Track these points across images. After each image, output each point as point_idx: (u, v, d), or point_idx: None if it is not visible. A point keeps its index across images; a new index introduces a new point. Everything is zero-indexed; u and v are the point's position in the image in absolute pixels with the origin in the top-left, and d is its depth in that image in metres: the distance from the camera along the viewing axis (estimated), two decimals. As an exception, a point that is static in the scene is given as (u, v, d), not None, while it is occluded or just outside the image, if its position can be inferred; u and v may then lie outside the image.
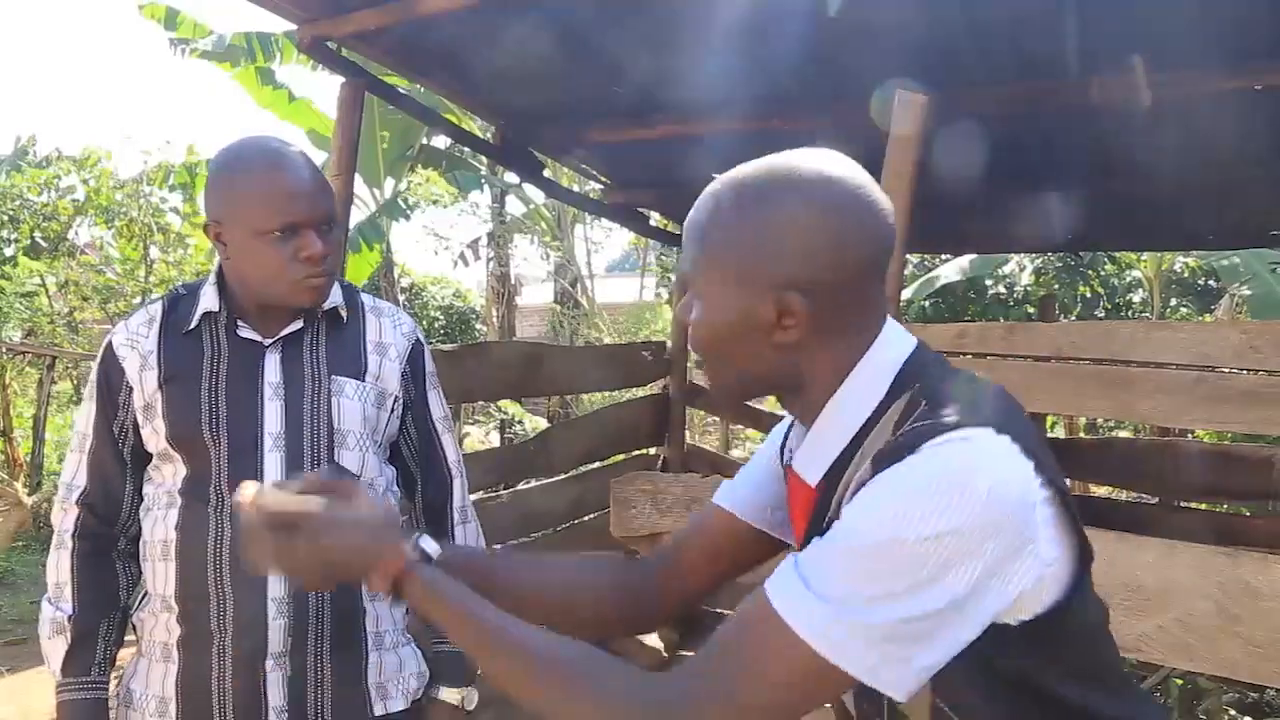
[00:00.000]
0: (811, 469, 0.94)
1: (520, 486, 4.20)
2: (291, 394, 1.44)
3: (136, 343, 1.44)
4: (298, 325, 1.47)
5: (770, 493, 1.09)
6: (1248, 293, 6.93)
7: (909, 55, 2.21)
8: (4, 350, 7.71)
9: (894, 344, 0.91)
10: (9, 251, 7.91)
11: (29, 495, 6.65)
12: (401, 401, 1.56)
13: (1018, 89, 2.43)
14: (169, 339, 1.44)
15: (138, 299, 7.85)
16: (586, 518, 4.21)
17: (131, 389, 1.43)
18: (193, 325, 1.44)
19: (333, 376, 1.47)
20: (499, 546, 3.66)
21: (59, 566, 1.44)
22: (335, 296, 1.50)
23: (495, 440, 9.48)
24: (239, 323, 1.45)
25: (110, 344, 1.45)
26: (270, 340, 1.45)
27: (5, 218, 7.83)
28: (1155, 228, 4.26)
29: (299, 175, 1.40)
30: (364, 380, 1.50)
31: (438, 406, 1.64)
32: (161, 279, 7.94)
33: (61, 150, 8.67)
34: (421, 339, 1.63)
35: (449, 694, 1.56)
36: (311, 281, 1.41)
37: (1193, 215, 3.78)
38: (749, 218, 0.89)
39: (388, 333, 1.57)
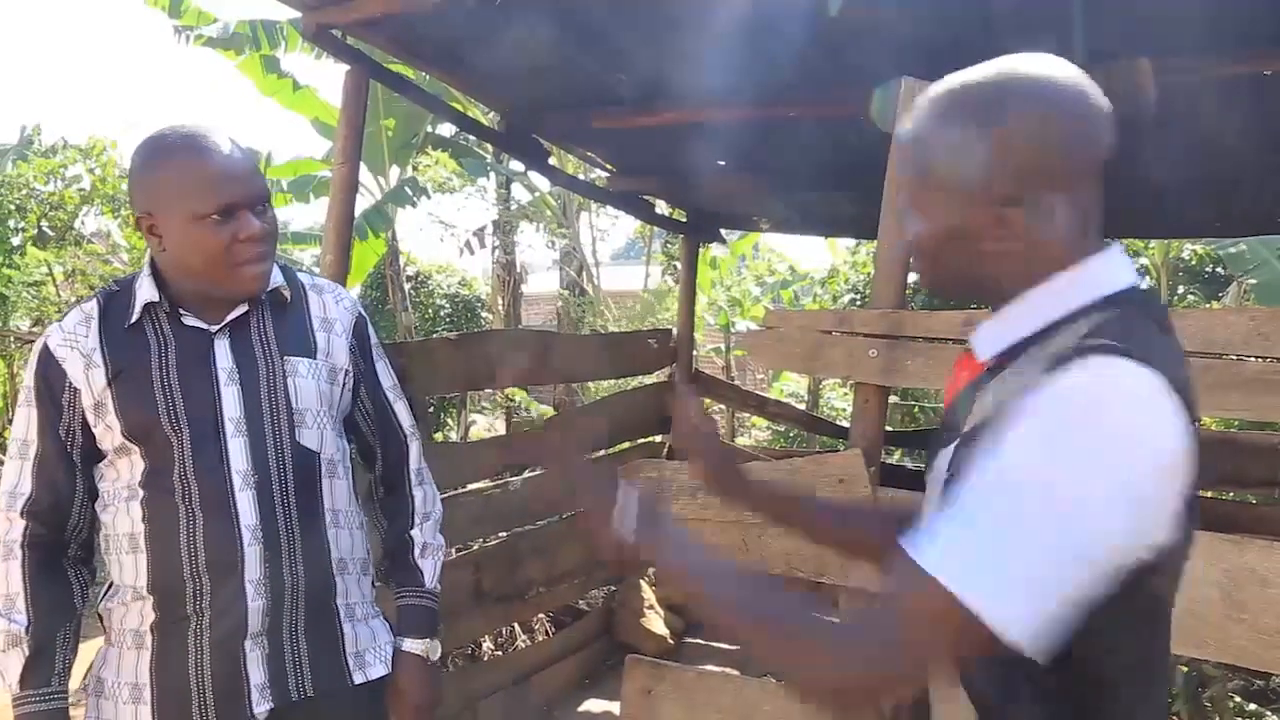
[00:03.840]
0: (987, 344, 0.97)
1: (526, 474, 4.21)
2: (247, 378, 1.44)
3: (76, 342, 1.41)
4: (243, 310, 1.46)
5: None
6: (1252, 282, 6.90)
7: (914, 43, 2.20)
8: (12, 339, 7.73)
9: (1113, 268, 0.91)
10: (16, 241, 7.91)
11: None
12: (351, 375, 1.58)
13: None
14: (110, 335, 1.42)
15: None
16: (592, 505, 4.21)
17: (77, 390, 1.40)
18: (134, 319, 1.42)
19: (285, 357, 1.48)
20: (504, 534, 3.67)
21: (9, 578, 1.41)
22: (276, 277, 1.51)
23: (501, 428, 9.49)
24: (181, 311, 1.44)
25: (46, 346, 1.42)
26: (217, 327, 1.44)
27: (12, 207, 7.83)
28: (1162, 215, 4.24)
29: (230, 157, 1.39)
30: (316, 358, 1.51)
31: (386, 376, 1.67)
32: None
33: (67, 139, 8.68)
34: (363, 312, 1.65)
35: (413, 645, 1.60)
36: (252, 268, 1.41)
37: (1200, 202, 3.76)
38: (966, 132, 0.90)
39: (331, 308, 1.58)
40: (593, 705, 3.87)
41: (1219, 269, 8.32)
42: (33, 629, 1.39)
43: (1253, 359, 2.18)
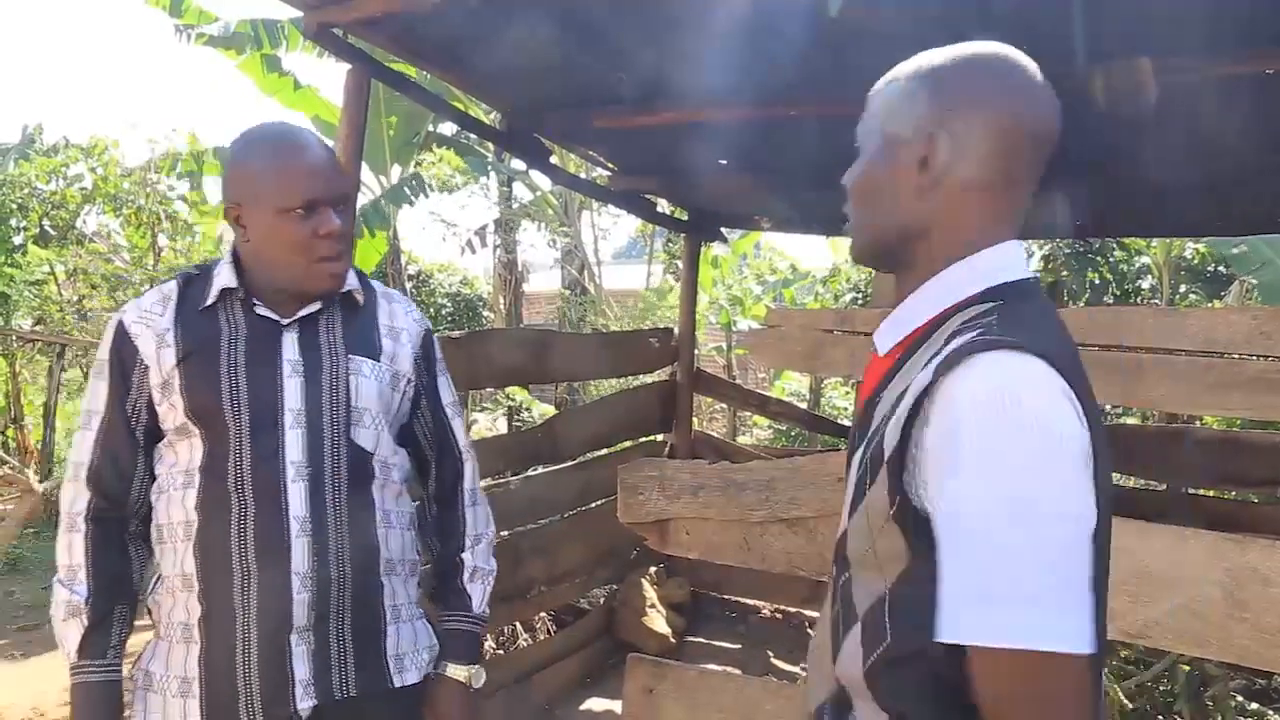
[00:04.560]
0: (886, 338, 1.02)
1: (528, 473, 4.22)
2: (310, 372, 1.46)
3: (150, 321, 1.45)
4: (315, 306, 1.49)
5: None
6: (1254, 282, 6.88)
7: (914, 43, 2.20)
8: (14, 338, 7.75)
9: (1007, 260, 0.96)
10: (18, 240, 7.92)
11: (40, 482, 6.69)
12: (414, 385, 1.60)
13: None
14: (185, 316, 1.45)
15: (146, 286, 7.87)
16: (594, 504, 4.22)
17: (147, 367, 1.43)
18: (210, 302, 1.45)
19: (350, 356, 1.50)
20: (506, 533, 3.68)
21: (72, 549, 1.44)
22: (351, 281, 1.54)
23: (503, 427, 9.49)
24: (255, 302, 1.47)
25: (121, 323, 1.46)
26: (288, 320, 1.47)
27: (14, 206, 7.84)
28: (1164, 214, 4.23)
29: (317, 155, 1.45)
30: (379, 361, 1.53)
31: (447, 391, 1.69)
32: (169, 267, 7.98)
33: (69, 138, 8.68)
34: (430, 326, 1.67)
35: (456, 670, 1.59)
36: (331, 266, 1.45)
37: (1202, 201, 3.76)
38: (915, 76, 0.99)
39: (399, 317, 1.61)
40: (594, 704, 3.87)
41: (1221, 268, 8.31)
42: (92, 601, 1.42)
43: (1255, 358, 2.18)
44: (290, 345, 1.47)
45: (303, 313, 1.48)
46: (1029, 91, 0.95)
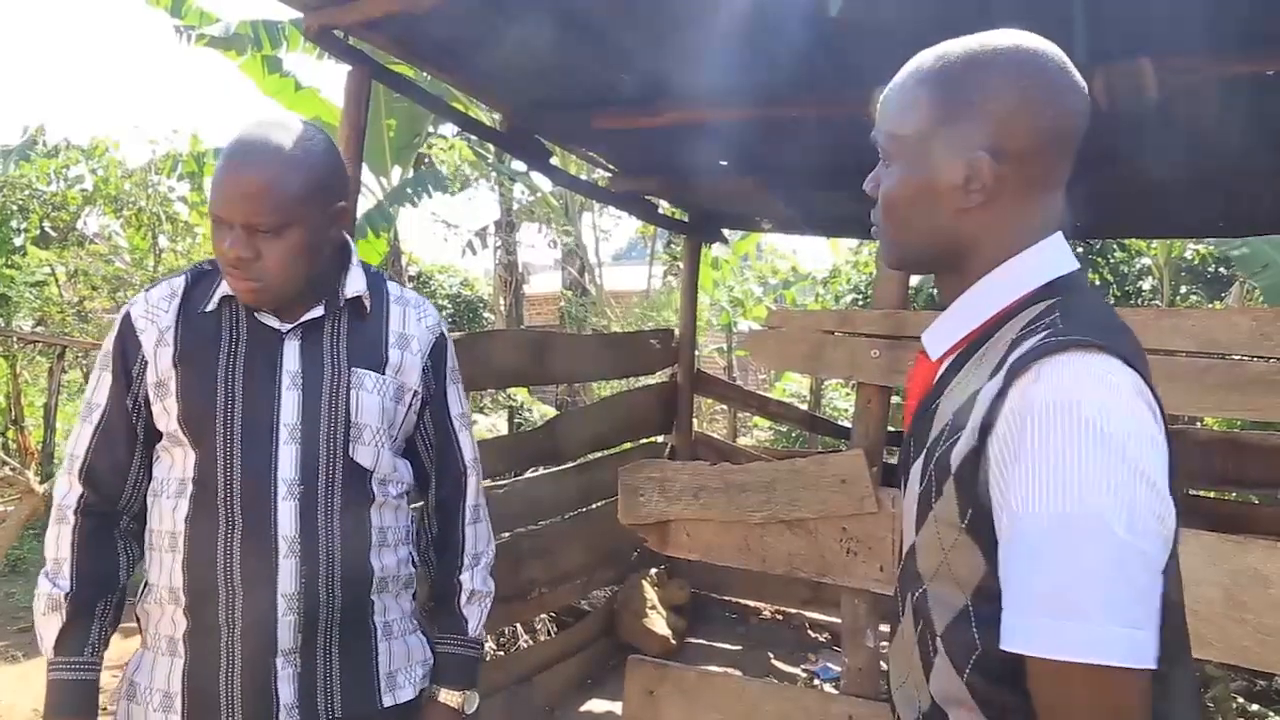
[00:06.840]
0: (936, 342, 0.98)
1: (529, 474, 4.22)
2: (309, 384, 1.39)
3: (156, 317, 1.40)
4: (318, 312, 1.42)
5: None
6: (1255, 283, 6.88)
7: (915, 43, 2.20)
8: (15, 339, 7.74)
9: (1057, 253, 0.93)
10: (19, 241, 7.91)
11: (40, 483, 6.69)
12: (420, 397, 1.52)
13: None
14: (187, 316, 1.40)
15: (146, 288, 7.89)
16: (595, 505, 4.22)
17: (146, 363, 1.39)
18: (211, 307, 1.40)
19: (352, 368, 1.42)
20: (507, 534, 3.68)
21: (59, 542, 1.40)
22: (359, 285, 1.46)
23: (504, 428, 9.50)
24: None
25: (129, 315, 1.41)
26: (290, 327, 1.41)
27: (15, 207, 7.84)
28: (1165, 215, 4.23)
29: (242, 173, 1.31)
30: (384, 373, 1.46)
31: (456, 403, 1.60)
32: (170, 268, 7.98)
33: (70, 140, 8.67)
34: (445, 332, 1.58)
35: (449, 696, 1.53)
36: (236, 283, 1.35)
37: (1203, 202, 3.76)
38: (947, 83, 0.92)
39: (411, 324, 1.52)
40: (595, 705, 3.87)
41: (1222, 269, 8.31)
42: (73, 596, 1.37)
43: (1256, 360, 2.18)
44: (291, 355, 1.39)
45: (306, 317, 1.41)
46: (1060, 82, 0.90)
